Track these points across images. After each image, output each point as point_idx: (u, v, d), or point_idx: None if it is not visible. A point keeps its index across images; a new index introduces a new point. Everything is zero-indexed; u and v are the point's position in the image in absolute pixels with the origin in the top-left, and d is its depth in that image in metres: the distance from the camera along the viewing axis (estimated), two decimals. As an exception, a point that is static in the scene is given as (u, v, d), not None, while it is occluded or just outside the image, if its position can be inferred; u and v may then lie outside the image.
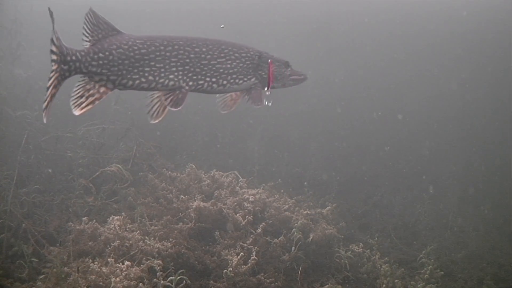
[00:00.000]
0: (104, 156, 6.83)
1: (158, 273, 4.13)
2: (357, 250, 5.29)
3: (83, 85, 2.77)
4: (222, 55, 2.94)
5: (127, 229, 4.94)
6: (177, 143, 9.17)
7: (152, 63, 2.80)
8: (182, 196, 5.62)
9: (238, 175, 6.10)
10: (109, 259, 4.37)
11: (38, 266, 4.57)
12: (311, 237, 5.18)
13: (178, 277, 4.16)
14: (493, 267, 5.86)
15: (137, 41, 2.80)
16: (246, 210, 5.23)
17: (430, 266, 4.96)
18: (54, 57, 2.59)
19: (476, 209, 7.59)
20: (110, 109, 7.21)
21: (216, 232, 5.03)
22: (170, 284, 4.13)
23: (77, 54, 2.69)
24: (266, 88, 2.95)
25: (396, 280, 4.82)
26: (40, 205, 5.69)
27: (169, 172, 6.30)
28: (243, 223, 5.07)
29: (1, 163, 6.20)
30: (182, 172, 6.34)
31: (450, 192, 8.19)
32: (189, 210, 5.27)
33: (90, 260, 4.42)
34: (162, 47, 2.82)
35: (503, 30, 12.81)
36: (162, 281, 4.10)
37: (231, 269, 4.47)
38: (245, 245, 4.84)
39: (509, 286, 5.45)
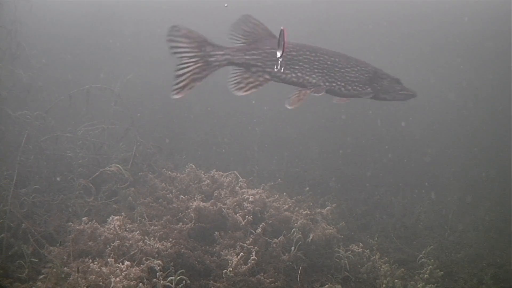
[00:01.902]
0: (104, 156, 6.83)
1: (158, 273, 4.14)
2: (357, 250, 5.28)
3: (239, 73, 3.50)
4: (349, 66, 3.69)
5: (127, 229, 4.94)
6: (177, 143, 9.17)
7: (301, 63, 3.57)
8: (181, 196, 5.63)
9: (238, 175, 6.10)
10: (109, 259, 4.37)
11: (38, 266, 4.57)
12: (311, 237, 5.18)
13: (178, 277, 4.16)
14: (493, 267, 5.85)
15: (289, 45, 3.55)
16: (246, 210, 5.23)
17: (430, 266, 4.96)
18: (193, 54, 3.33)
19: (476, 209, 7.58)
20: (110, 109, 7.21)
21: (216, 232, 5.03)
22: (170, 284, 4.13)
23: (226, 50, 3.42)
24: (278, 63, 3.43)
25: (396, 280, 4.82)
26: (40, 205, 5.69)
27: (169, 172, 6.31)
28: (243, 223, 5.07)
29: (1, 163, 6.20)
30: (182, 172, 6.34)
31: (450, 192, 8.18)
32: (189, 210, 5.28)
33: (90, 260, 4.43)
34: (308, 53, 3.59)
35: (504, 36, 12.82)
36: (162, 281, 4.10)
37: (231, 269, 4.47)
38: (245, 245, 4.84)
39: (509, 286, 5.45)
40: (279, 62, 3.39)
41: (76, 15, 15.66)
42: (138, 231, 4.88)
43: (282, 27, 3.12)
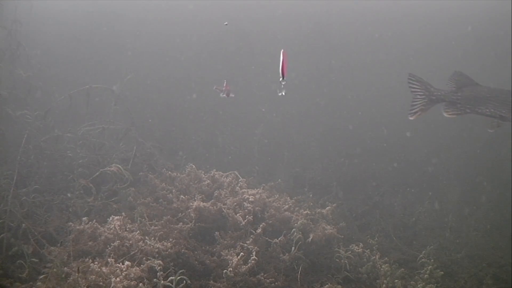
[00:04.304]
0: (104, 156, 6.83)
1: (158, 273, 4.14)
2: (357, 250, 5.28)
3: (449, 106, 5.06)
4: None
5: (127, 229, 4.94)
6: (177, 143, 9.16)
7: (493, 102, 4.83)
8: (182, 196, 5.63)
9: (238, 175, 6.10)
10: (109, 259, 4.37)
11: (38, 266, 4.57)
12: (311, 237, 5.18)
13: (178, 277, 4.17)
14: (493, 267, 5.85)
15: (484, 89, 4.88)
16: (246, 210, 5.23)
17: (430, 266, 4.96)
18: (422, 93, 5.07)
19: (476, 209, 7.58)
20: (110, 109, 7.20)
21: (216, 232, 5.03)
22: (170, 284, 4.13)
23: (441, 92, 5.03)
24: (280, 79, 3.71)
25: (396, 280, 4.83)
26: (40, 205, 5.69)
27: (169, 172, 6.31)
28: (243, 223, 5.08)
29: (1, 163, 6.20)
30: (182, 172, 6.34)
31: (450, 192, 8.18)
32: (189, 210, 5.28)
33: (90, 260, 4.43)
34: (497, 94, 4.82)
35: (504, 38, 12.82)
36: (162, 281, 4.11)
37: (231, 269, 4.47)
38: (245, 245, 4.84)
39: (509, 286, 5.45)
40: (282, 84, 3.76)
41: (77, 15, 15.63)
42: (138, 231, 4.88)
43: (282, 50, 3.47)
